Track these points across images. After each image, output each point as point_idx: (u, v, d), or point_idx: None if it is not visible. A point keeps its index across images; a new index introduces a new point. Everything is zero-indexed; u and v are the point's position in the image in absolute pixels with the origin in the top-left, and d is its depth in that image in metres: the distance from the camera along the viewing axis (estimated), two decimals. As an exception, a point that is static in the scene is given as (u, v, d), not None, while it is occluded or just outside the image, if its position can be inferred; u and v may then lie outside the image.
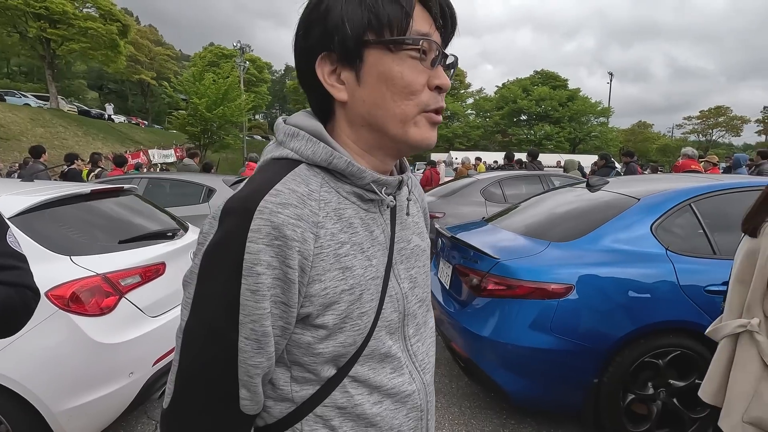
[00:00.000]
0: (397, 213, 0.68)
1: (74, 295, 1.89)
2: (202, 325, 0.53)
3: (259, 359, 0.54)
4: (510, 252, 2.42)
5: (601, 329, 2.13)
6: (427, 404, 0.69)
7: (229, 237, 0.51)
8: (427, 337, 0.72)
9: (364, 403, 0.61)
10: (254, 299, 0.51)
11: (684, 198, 2.39)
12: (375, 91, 0.56)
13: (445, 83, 0.58)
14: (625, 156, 8.19)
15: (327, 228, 0.56)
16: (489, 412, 2.61)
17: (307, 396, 0.59)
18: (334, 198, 0.58)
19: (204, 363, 0.54)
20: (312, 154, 0.58)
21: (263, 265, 0.50)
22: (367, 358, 0.61)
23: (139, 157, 17.47)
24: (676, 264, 2.18)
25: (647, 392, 2.19)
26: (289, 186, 0.54)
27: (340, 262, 0.56)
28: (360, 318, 0.58)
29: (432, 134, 0.60)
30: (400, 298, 0.65)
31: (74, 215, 2.29)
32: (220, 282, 0.52)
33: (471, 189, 5.73)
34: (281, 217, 0.51)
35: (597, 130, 39.98)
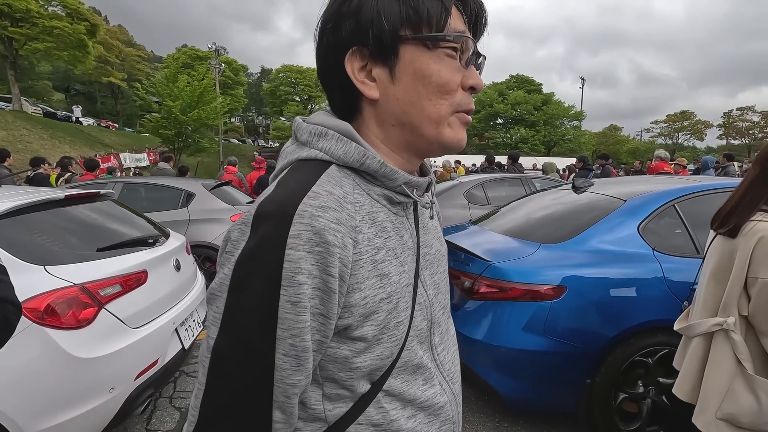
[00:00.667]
0: (420, 217, 0.65)
1: (49, 307, 1.78)
2: (234, 343, 0.48)
3: (297, 377, 0.49)
4: (501, 254, 2.42)
5: (594, 330, 2.15)
6: (458, 415, 0.66)
7: (265, 243, 0.47)
8: (451, 345, 0.69)
9: (399, 418, 0.57)
10: (295, 311, 0.47)
11: (668, 199, 2.45)
12: (410, 89, 0.54)
13: (479, 84, 0.57)
14: (600, 158, 8.45)
15: (364, 233, 0.52)
16: (481, 415, 2.60)
17: (341, 414, 0.55)
18: (367, 201, 0.55)
19: (236, 385, 0.49)
20: (343, 155, 0.55)
21: (304, 274, 0.46)
22: (400, 370, 0.58)
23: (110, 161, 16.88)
24: (663, 263, 2.23)
25: (637, 391, 2.23)
26: (325, 188, 0.51)
27: (377, 269, 0.53)
28: (397, 328, 0.55)
29: (463, 135, 0.59)
30: (428, 306, 0.62)
31: (48, 222, 2.16)
32: (256, 294, 0.47)
33: (454, 192, 5.75)
34: (322, 222, 0.47)
35: (570, 134, 41.12)
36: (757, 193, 1.34)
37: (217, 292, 0.50)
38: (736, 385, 1.31)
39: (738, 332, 1.32)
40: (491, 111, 40.74)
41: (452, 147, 0.58)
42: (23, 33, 23.52)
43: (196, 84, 21.80)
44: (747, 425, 1.30)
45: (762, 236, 1.26)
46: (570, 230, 2.44)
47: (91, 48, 26.93)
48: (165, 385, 2.58)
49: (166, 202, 5.00)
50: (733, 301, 1.33)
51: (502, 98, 40.79)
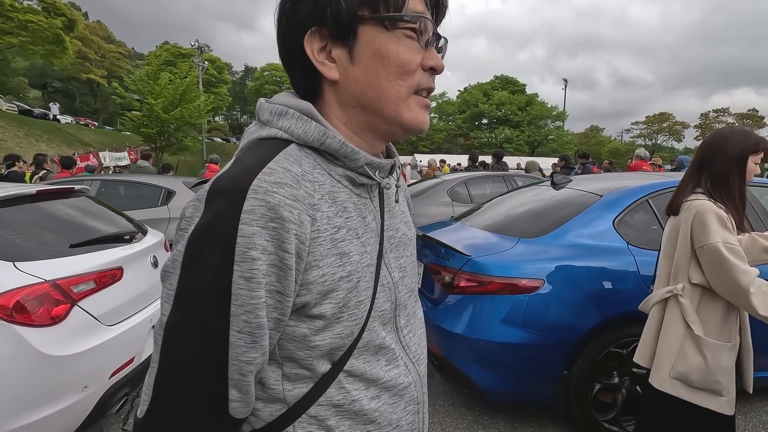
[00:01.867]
0: (386, 200, 0.65)
1: (18, 304, 1.73)
2: (187, 320, 0.48)
3: (252, 354, 0.49)
4: (481, 249, 2.44)
5: (570, 322, 2.19)
6: (423, 396, 0.66)
7: (218, 219, 0.46)
8: (418, 327, 0.69)
9: (361, 398, 0.57)
10: (248, 287, 0.46)
11: (642, 194, 2.51)
12: (369, 70, 0.54)
13: (439, 64, 0.57)
14: (581, 158, 8.61)
15: (323, 211, 0.52)
16: (462, 409, 2.62)
17: (301, 395, 0.55)
18: (328, 180, 0.55)
19: (190, 363, 0.48)
20: (303, 134, 0.54)
21: (258, 249, 0.46)
22: (362, 350, 0.58)
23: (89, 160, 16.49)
24: (637, 257, 2.28)
25: (613, 381, 2.27)
26: (282, 165, 0.50)
27: (337, 248, 0.53)
28: (357, 307, 0.55)
29: (425, 117, 0.59)
30: (391, 288, 0.62)
31: (18, 218, 2.10)
32: (209, 269, 0.46)
33: (438, 189, 5.79)
34: (277, 197, 0.47)
35: (554, 134, 41.75)
36: (692, 176, 1.55)
37: (170, 268, 0.49)
38: (686, 346, 1.46)
39: (686, 297, 1.47)
40: (476, 111, 41.13)
41: (413, 128, 0.58)
42: (-4, 27, 22.79)
43: (178, 82, 21.45)
44: (697, 383, 1.44)
45: (696, 211, 1.44)
46: (548, 225, 2.49)
47: (68, 43, 26.20)
48: (141, 384, 2.53)
49: (145, 200, 4.91)
50: (682, 269, 1.49)
51: (487, 98, 41.20)
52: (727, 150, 1.47)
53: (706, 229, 1.40)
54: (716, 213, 1.41)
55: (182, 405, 0.49)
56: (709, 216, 1.40)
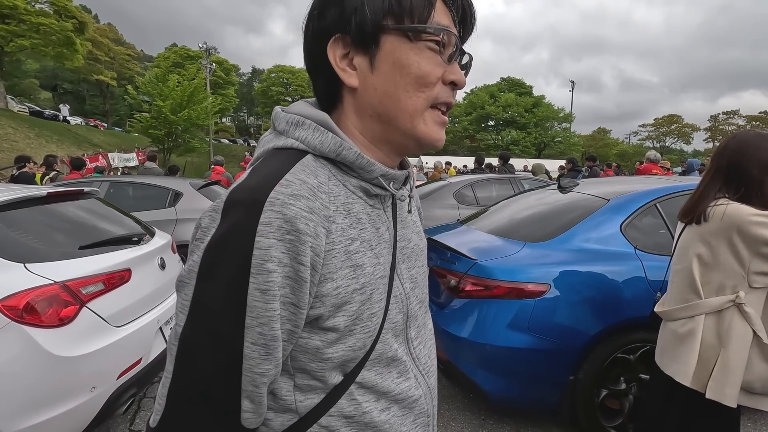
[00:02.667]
0: (398, 211, 0.66)
1: (29, 305, 1.75)
2: (202, 331, 0.48)
3: (266, 366, 0.50)
4: (487, 253, 2.44)
5: (577, 327, 2.18)
6: (433, 409, 0.66)
7: (235, 230, 0.46)
8: (428, 339, 0.69)
9: (372, 410, 0.57)
10: (264, 299, 0.47)
11: (650, 198, 2.49)
12: (388, 79, 0.54)
13: (460, 79, 0.57)
14: (588, 160, 8.57)
15: (338, 223, 0.52)
16: (468, 413, 2.61)
17: (312, 406, 0.55)
18: (342, 192, 0.55)
19: (203, 374, 0.49)
20: (320, 144, 0.55)
21: (274, 261, 0.46)
22: (374, 362, 0.58)
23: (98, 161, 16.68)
24: (644, 262, 2.26)
25: (620, 387, 2.26)
26: (299, 177, 0.50)
27: (351, 260, 0.53)
28: (370, 319, 0.55)
29: (440, 134, 0.58)
30: (403, 299, 0.62)
31: (29, 220, 2.13)
32: (225, 281, 0.47)
33: (443, 192, 5.79)
34: (294, 210, 0.47)
35: (560, 136, 41.53)
36: (716, 181, 1.52)
37: (186, 279, 0.49)
38: (752, 354, 1.41)
39: (749, 305, 1.41)
40: (483, 113, 41.06)
41: (426, 143, 0.57)
42: (9, 30, 23.12)
43: (186, 84, 21.63)
44: (759, 390, 1.42)
45: (737, 215, 1.38)
46: (554, 229, 2.47)
47: (79, 45, 26.57)
48: (149, 385, 2.55)
49: (153, 202, 4.95)
50: (733, 277, 1.41)
51: (494, 100, 41.10)
52: (761, 156, 1.43)
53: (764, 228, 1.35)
54: (759, 213, 1.37)
55: (195, 416, 0.49)
56: (757, 216, 1.36)
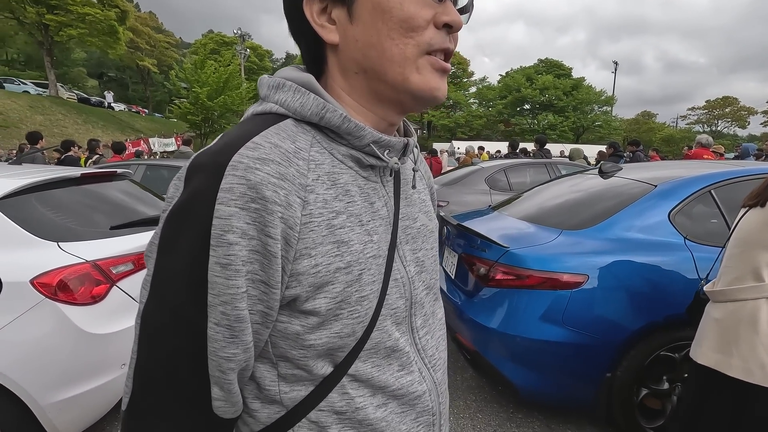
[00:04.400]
0: (402, 186, 0.58)
1: (62, 282, 1.80)
2: (162, 309, 0.43)
3: (232, 350, 0.44)
4: (520, 240, 2.31)
5: (616, 322, 2.03)
6: (440, 406, 0.59)
7: (195, 199, 0.42)
8: (437, 329, 0.62)
9: (366, 406, 0.51)
10: (225, 275, 0.41)
11: (704, 184, 2.27)
12: (369, 28, 0.47)
13: (455, 20, 0.48)
14: (630, 145, 8.05)
15: (318, 193, 0.47)
16: (495, 405, 2.53)
17: (299, 398, 0.50)
18: (328, 160, 0.49)
19: (166, 356, 0.44)
20: (300, 107, 0.49)
21: (236, 233, 0.41)
22: (371, 353, 0.51)
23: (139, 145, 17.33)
24: (695, 253, 2.08)
25: (662, 387, 2.10)
26: (270, 140, 0.45)
27: (334, 235, 0.47)
28: (360, 303, 0.49)
29: (439, 83, 0.50)
30: (406, 283, 0.55)
31: (63, 200, 2.19)
32: (184, 254, 0.42)
33: (475, 177, 5.61)
34: (260, 175, 0.42)
35: (601, 119, 39.61)
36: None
37: (149, 252, 0.45)
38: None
39: None
40: (518, 96, 39.60)
41: (423, 96, 0.50)
42: (58, 20, 24.19)
43: (222, 70, 22.05)
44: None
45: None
46: (594, 216, 2.31)
47: (121, 34, 27.51)
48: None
49: (186, 185, 5.05)
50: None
51: (530, 83, 39.56)
52: None
53: None
54: None
55: (162, 400, 0.45)
56: None
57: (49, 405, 1.74)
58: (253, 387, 0.51)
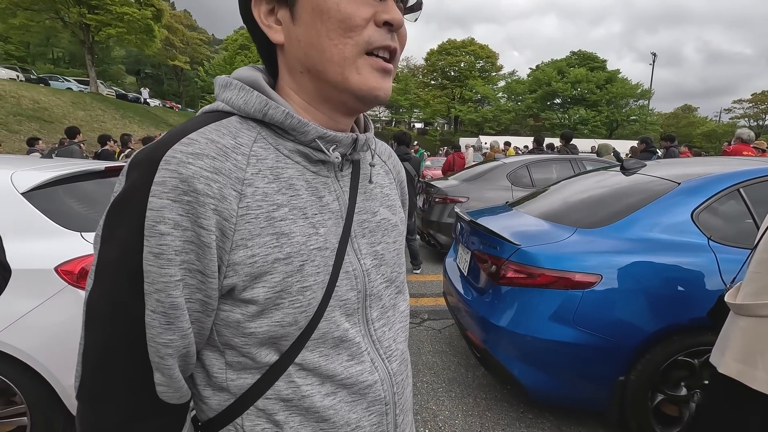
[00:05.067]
0: (360, 181, 0.59)
1: (83, 270, 1.89)
2: (104, 297, 0.46)
3: (169, 336, 0.46)
4: (532, 238, 2.26)
5: (630, 324, 1.96)
6: (394, 396, 0.59)
7: (131, 192, 0.45)
8: (396, 321, 0.62)
9: (313, 394, 0.52)
10: (158, 264, 0.44)
11: (732, 182, 2.15)
12: (309, 28, 0.49)
13: (395, 18, 0.48)
14: (664, 140, 7.68)
15: (257, 187, 0.48)
16: (505, 404, 2.49)
17: (246, 386, 0.52)
18: (272, 155, 0.51)
19: (109, 342, 0.46)
20: (244, 104, 0.51)
21: (168, 224, 0.43)
22: (318, 342, 0.52)
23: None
24: (719, 254, 1.97)
25: (679, 393, 2.02)
26: (207, 136, 0.47)
27: (274, 227, 0.49)
28: (301, 293, 0.50)
29: (380, 82, 0.50)
30: (359, 275, 0.56)
31: (87, 192, 2.29)
32: (121, 244, 0.45)
33: (497, 173, 5.51)
34: (192, 169, 0.44)
35: (636, 114, 38.01)
36: None
37: (94, 242, 0.48)
38: None
39: None
40: (548, 90, 38.50)
41: (363, 96, 0.50)
42: (98, 19, 25.28)
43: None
44: None
45: None
46: (611, 214, 2.23)
47: (156, 32, 28.46)
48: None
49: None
50: None
51: (561, 76, 38.36)
52: None
53: None
54: None
55: (108, 384, 0.47)
56: None
57: (71, 386, 1.85)
58: (203, 374, 0.53)
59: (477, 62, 45.61)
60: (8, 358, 1.79)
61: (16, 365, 1.82)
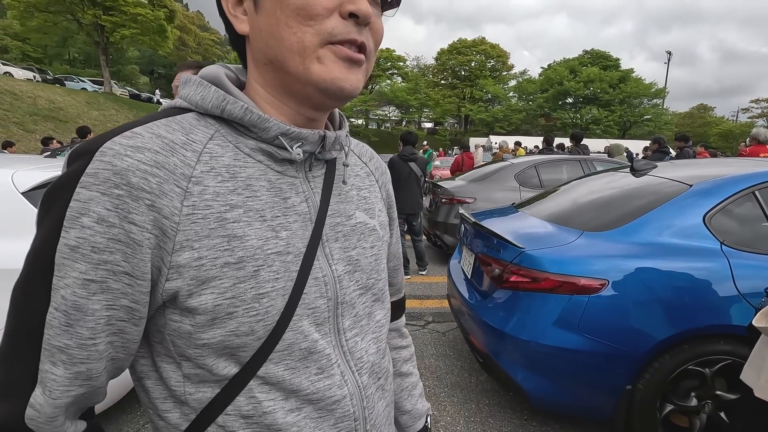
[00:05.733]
0: (335, 182, 0.56)
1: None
2: (20, 285, 0.43)
3: (64, 340, 0.41)
4: (537, 241, 2.20)
5: (638, 331, 1.89)
6: (364, 411, 0.55)
7: (62, 182, 0.42)
8: (370, 332, 0.58)
9: (276, 410, 0.49)
10: (72, 257, 0.40)
11: (747, 184, 2.07)
12: (270, 16, 0.46)
13: (360, 9, 0.45)
14: (678, 141, 7.51)
15: (207, 185, 0.45)
16: (509, 411, 2.44)
17: (206, 400, 0.48)
18: (229, 153, 0.48)
19: (11, 336, 0.43)
20: (201, 100, 0.49)
21: (92, 217, 0.40)
22: (284, 354, 0.49)
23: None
24: (732, 260, 1.89)
25: (689, 403, 1.94)
26: (154, 130, 0.44)
27: (225, 229, 0.45)
28: (257, 301, 0.46)
29: (345, 73, 0.47)
30: (329, 282, 0.52)
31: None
32: (43, 235, 0.42)
33: (505, 173, 5.43)
34: (128, 162, 0.41)
35: (650, 113, 37.37)
36: None
37: None
38: None
39: None
40: (560, 89, 38.05)
41: (327, 88, 0.47)
42: (113, 21, 25.68)
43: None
44: None
45: None
46: (619, 217, 2.16)
47: (169, 32, 28.80)
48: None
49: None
50: None
51: (574, 76, 37.89)
52: None
53: None
54: None
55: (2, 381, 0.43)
56: None
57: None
58: (162, 387, 0.50)
59: (488, 62, 45.32)
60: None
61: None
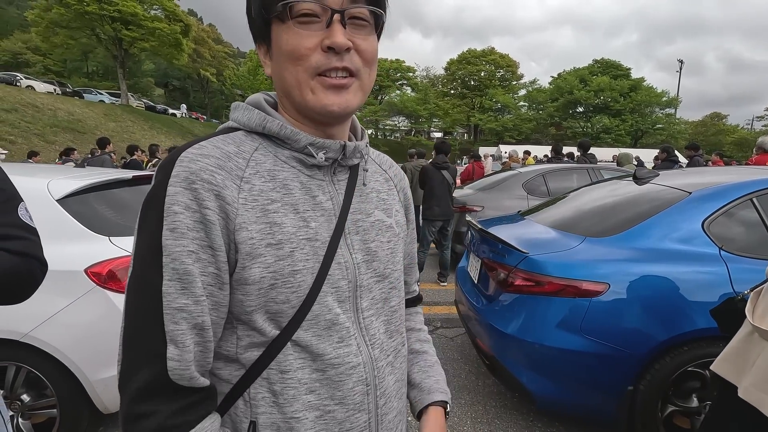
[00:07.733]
0: (357, 185, 0.68)
1: (111, 272, 2.02)
2: (135, 278, 0.55)
3: (183, 301, 0.53)
4: (540, 246, 2.28)
5: (639, 333, 1.96)
6: (375, 379, 0.66)
7: (156, 187, 0.54)
8: (384, 314, 0.69)
9: (305, 368, 0.60)
10: (173, 237, 0.52)
11: (745, 192, 2.13)
12: (276, 62, 0.61)
13: (334, 42, 0.56)
14: (689, 149, 7.50)
15: (254, 184, 0.58)
16: (515, 413, 2.50)
17: (253, 358, 0.59)
18: (270, 160, 0.61)
19: (136, 319, 0.54)
20: (247, 120, 0.63)
21: (180, 205, 0.53)
22: (312, 323, 0.60)
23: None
24: (730, 265, 1.96)
25: (690, 405, 1.99)
26: (214, 143, 0.58)
27: (268, 217, 0.58)
28: (292, 276, 0.58)
29: (332, 98, 0.59)
30: (350, 267, 0.64)
31: (116, 199, 2.44)
32: (149, 230, 0.54)
33: (512, 182, 5.51)
34: (200, 164, 0.55)
35: (663, 122, 37.05)
36: None
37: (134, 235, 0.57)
38: None
39: None
40: (570, 98, 38.01)
41: (319, 112, 0.60)
42: (132, 35, 26.50)
43: (273, 77, 23.03)
44: None
45: None
46: (621, 223, 2.24)
47: (185, 46, 29.57)
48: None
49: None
50: None
51: (584, 85, 37.83)
52: None
53: None
54: None
55: (135, 364, 0.53)
56: None
57: (97, 381, 1.97)
58: (216, 348, 0.60)
59: (497, 71, 45.47)
60: (41, 353, 1.92)
61: (48, 360, 1.94)
